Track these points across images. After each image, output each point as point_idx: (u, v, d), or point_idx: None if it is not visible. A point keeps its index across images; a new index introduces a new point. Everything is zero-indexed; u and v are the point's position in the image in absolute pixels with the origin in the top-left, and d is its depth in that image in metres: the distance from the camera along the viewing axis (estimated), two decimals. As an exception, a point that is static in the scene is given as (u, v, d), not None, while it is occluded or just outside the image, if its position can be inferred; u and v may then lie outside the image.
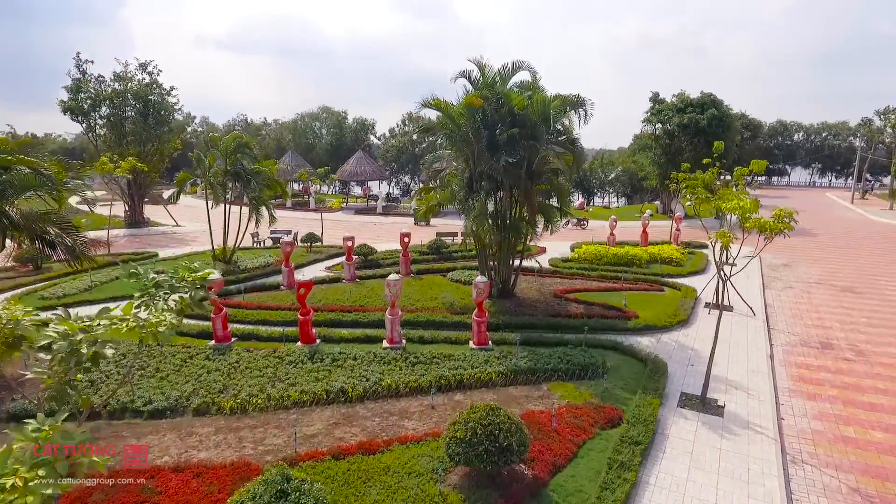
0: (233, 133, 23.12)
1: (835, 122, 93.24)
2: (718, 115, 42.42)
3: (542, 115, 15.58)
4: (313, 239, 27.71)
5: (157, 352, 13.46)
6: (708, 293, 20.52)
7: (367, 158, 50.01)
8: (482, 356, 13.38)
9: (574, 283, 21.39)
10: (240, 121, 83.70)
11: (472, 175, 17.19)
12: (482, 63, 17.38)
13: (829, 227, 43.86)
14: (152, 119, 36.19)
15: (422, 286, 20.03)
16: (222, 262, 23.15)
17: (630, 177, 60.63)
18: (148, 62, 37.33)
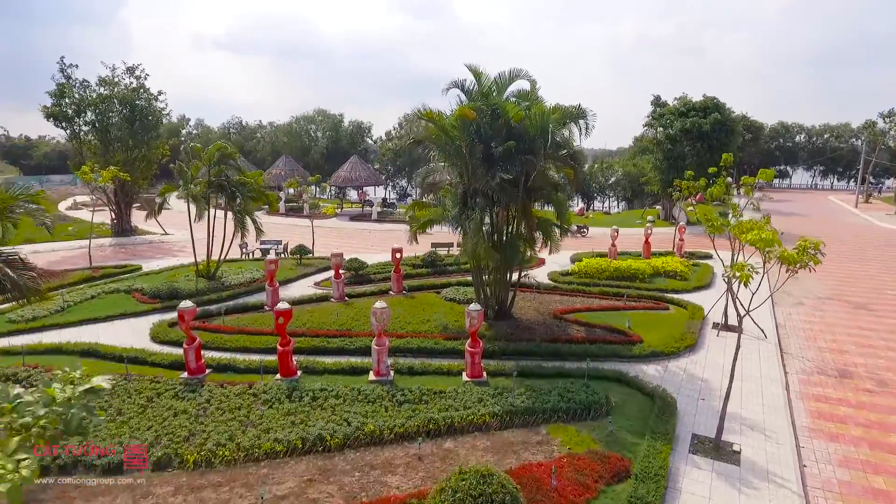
0: (216, 143, 22.07)
1: (837, 124, 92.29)
2: (721, 119, 41.41)
3: (541, 128, 14.52)
4: (303, 252, 26.64)
5: (120, 389, 12.37)
6: (716, 311, 19.45)
7: (362, 164, 48.92)
8: (476, 392, 12.31)
9: (574, 301, 20.33)
10: (235, 123, 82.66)
11: (467, 191, 16.14)
12: (478, 71, 16.33)
13: (835, 234, 42.80)
14: (139, 125, 35.08)
15: (414, 306, 18.96)
16: (205, 279, 22.07)
17: (631, 181, 59.59)
18: (136, 66, 36.29)
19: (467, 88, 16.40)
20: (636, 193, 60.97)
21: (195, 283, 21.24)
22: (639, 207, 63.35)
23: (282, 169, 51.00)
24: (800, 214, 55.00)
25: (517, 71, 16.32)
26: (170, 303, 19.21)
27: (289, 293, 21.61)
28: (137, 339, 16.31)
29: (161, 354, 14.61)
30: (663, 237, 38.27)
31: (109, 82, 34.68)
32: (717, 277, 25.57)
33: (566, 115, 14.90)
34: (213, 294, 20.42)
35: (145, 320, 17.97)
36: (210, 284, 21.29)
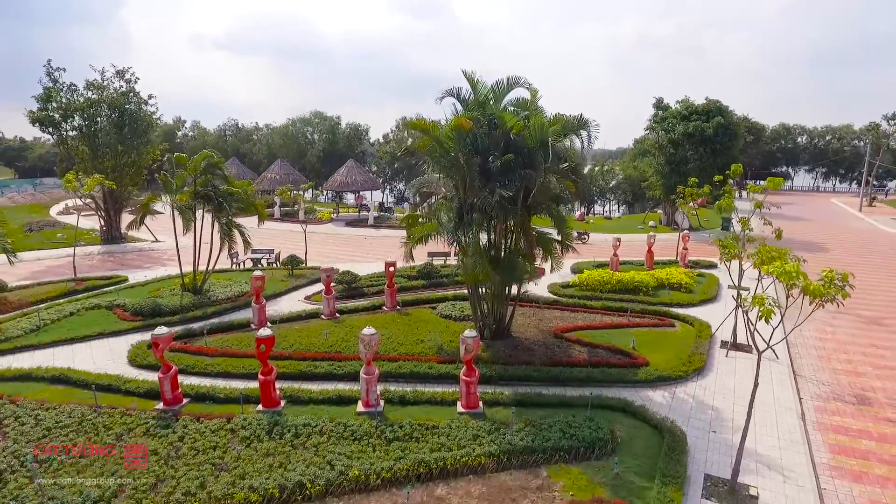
0: (202, 152, 21.16)
1: (839, 125, 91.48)
2: (725, 123, 40.53)
3: (541, 140, 13.64)
4: (295, 262, 25.74)
5: (88, 425, 11.47)
6: (724, 329, 18.57)
7: (358, 168, 48.01)
8: (471, 427, 11.42)
9: (576, 317, 19.45)
10: (231, 125, 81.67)
11: (463, 205, 15.27)
12: (473, 79, 15.46)
13: (840, 239, 41.94)
14: (128, 130, 34.16)
15: (408, 324, 18.07)
16: (191, 293, 21.17)
17: (631, 184, 58.73)
18: (126, 69, 35.33)
19: (463, 97, 15.53)
20: (637, 197, 60.11)
21: (180, 297, 20.35)
22: (640, 211, 62.50)
23: (277, 173, 50.08)
24: (803, 218, 54.12)
25: (515, 79, 15.45)
26: (152, 321, 18.32)
27: (278, 308, 20.75)
28: (115, 363, 15.43)
29: (137, 381, 13.72)
30: (665, 244, 37.40)
31: (98, 86, 33.75)
32: (722, 289, 24.70)
33: (567, 127, 14.02)
34: (198, 310, 19.52)
35: (125, 340, 17.08)
36: (195, 299, 20.39)
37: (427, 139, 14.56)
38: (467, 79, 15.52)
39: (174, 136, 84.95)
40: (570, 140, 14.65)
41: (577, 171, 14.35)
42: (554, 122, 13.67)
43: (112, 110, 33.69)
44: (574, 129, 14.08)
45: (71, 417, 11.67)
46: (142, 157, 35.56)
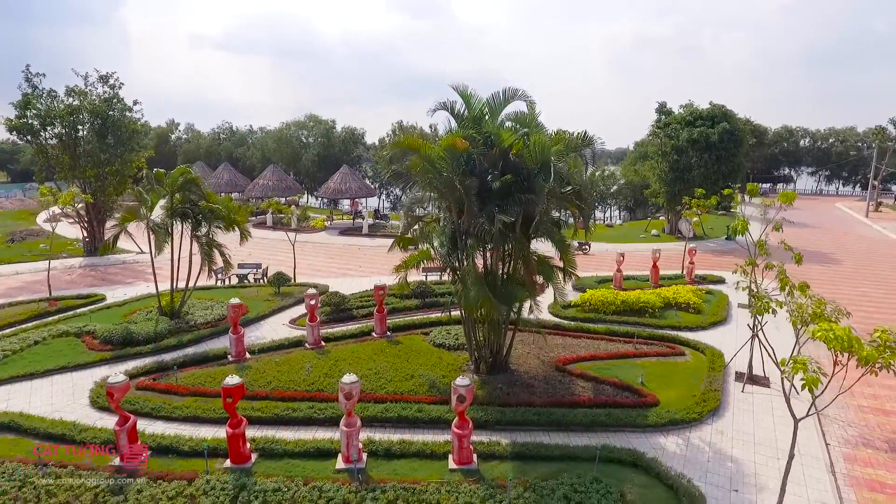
0: (179, 167, 19.84)
1: (842, 128, 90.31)
2: (730, 128, 39.27)
3: (542, 161, 12.35)
4: (281, 281, 24.40)
5: (29, 490, 10.12)
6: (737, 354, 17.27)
7: (352, 174, 46.68)
8: (463, 493, 10.10)
9: (579, 345, 18.15)
10: (225, 128, 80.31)
11: (457, 229, 13.97)
12: (466, 92, 14.15)
13: (848, 249, 40.69)
14: (112, 138, 32.79)
15: (398, 355, 16.74)
16: (168, 316, 19.85)
17: (633, 189, 57.46)
18: (110, 74, 33.94)
19: (457, 111, 14.23)
20: (638, 202, 58.84)
21: (155, 323, 19.03)
22: (641, 217, 61.24)
23: (270, 179, 48.74)
24: (809, 225, 52.85)
25: (512, 91, 14.14)
26: (122, 351, 17.03)
27: (260, 334, 19.44)
28: (75, 404, 14.11)
29: (94, 430, 12.40)
30: (670, 254, 36.13)
31: (80, 92, 32.38)
32: (733, 309, 23.43)
33: (570, 146, 12.72)
34: (174, 338, 18.19)
35: (90, 375, 15.75)
36: (171, 325, 19.05)
37: (417, 159, 13.26)
38: (459, 94, 14.21)
39: (167, 140, 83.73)
40: (574, 159, 13.34)
41: (581, 196, 13.02)
42: (556, 140, 12.36)
43: (94, 117, 32.31)
44: (577, 147, 12.79)
45: (12, 480, 10.34)
46: (126, 167, 34.17)
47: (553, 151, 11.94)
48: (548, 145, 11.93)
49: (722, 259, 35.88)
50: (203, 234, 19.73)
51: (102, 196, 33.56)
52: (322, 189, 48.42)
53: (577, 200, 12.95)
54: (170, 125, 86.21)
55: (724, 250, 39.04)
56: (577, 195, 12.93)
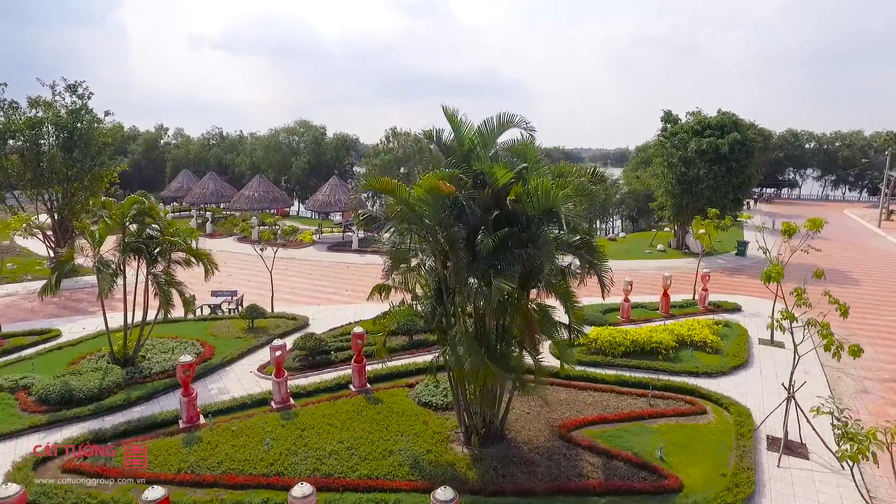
0: (131, 197, 17.54)
1: (848, 132, 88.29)
2: (741, 138, 37.01)
3: (546, 209, 10.08)
4: (255, 314, 22.08)
5: None
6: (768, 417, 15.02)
7: (342, 186, 44.38)
8: None
9: (585, 400, 15.89)
10: (215, 134, 77.94)
11: (443, 281, 11.71)
12: (456, 118, 11.91)
13: (866, 265, 38.50)
14: (79, 152, 30.47)
15: (375, 420, 14.42)
16: (120, 364, 17.55)
17: (636, 198, 55.24)
18: (78, 83, 31.63)
19: (444, 141, 11.99)
20: (641, 212, 56.62)
21: (102, 374, 16.72)
22: (644, 226, 59.02)
23: (256, 190, 46.43)
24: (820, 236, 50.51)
25: (508, 118, 11.89)
26: (58, 414, 14.73)
27: (223, 385, 17.16)
28: (-14, 491, 11.80)
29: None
30: (679, 273, 33.92)
31: (44, 103, 30.06)
32: (753, 346, 21.19)
33: (581, 190, 10.44)
34: (121, 394, 15.88)
35: (14, 447, 13.44)
36: (122, 376, 16.75)
37: (394, 203, 11.03)
38: (448, 118, 11.99)
39: (156, 145, 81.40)
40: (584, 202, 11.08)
41: (591, 248, 10.74)
42: (564, 183, 10.06)
43: (60, 130, 30.00)
44: (588, 192, 10.53)
45: None
46: (96, 182, 31.85)
47: (561, 198, 9.65)
48: (554, 190, 9.64)
49: (734, 279, 33.68)
50: (161, 271, 17.41)
51: (70, 214, 31.23)
52: (310, 201, 46.15)
53: (587, 254, 10.66)
54: (158, 130, 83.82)
55: (736, 268, 36.85)
56: (586, 246, 10.64)
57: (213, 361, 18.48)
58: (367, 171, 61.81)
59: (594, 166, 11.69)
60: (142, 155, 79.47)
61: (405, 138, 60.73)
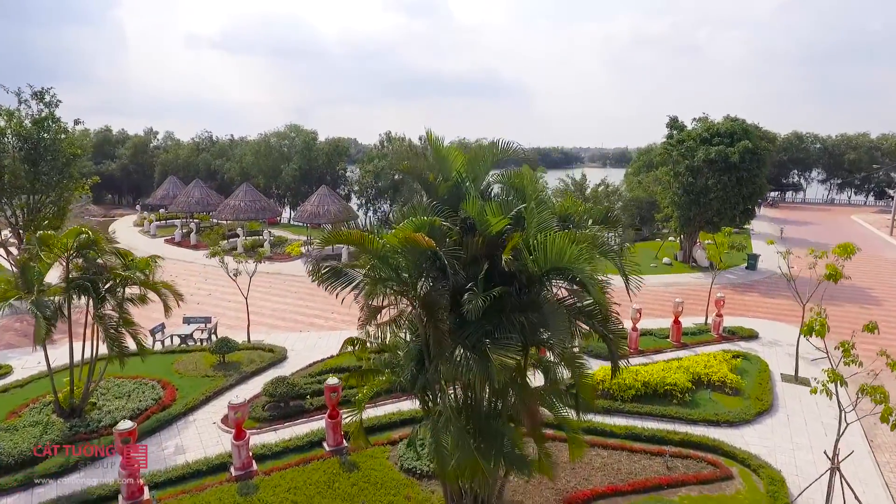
0: (73, 228, 15.45)
1: (854, 134, 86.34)
2: (752, 147, 34.93)
3: (552, 267, 8.02)
4: (226, 348, 19.97)
5: None
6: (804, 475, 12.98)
7: (331, 196, 42.28)
8: None
9: (592, 462, 13.85)
10: (205, 138, 75.72)
11: (426, 345, 9.64)
12: (441, 148, 9.87)
13: (886, 280, 36.46)
14: (45, 165, 28.34)
15: (347, 498, 12.33)
16: (65, 416, 15.47)
17: (639, 206, 53.16)
18: (46, 89, 29.46)
19: (425, 179, 9.92)
20: (644, 220, 54.53)
21: (42, 428, 14.65)
22: (648, 234, 56.93)
23: (242, 199, 44.27)
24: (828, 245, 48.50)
25: (505, 146, 9.88)
26: (-22, 485, 12.65)
27: (179, 443, 15.07)
28: None
29: None
30: (686, 290, 31.88)
31: (5, 112, 27.92)
32: (777, 385, 19.18)
33: (595, 243, 8.35)
34: (60, 456, 13.76)
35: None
36: (65, 430, 14.68)
37: (365, 259, 8.99)
38: (433, 145, 9.97)
39: (145, 149, 79.18)
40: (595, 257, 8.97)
41: (605, 317, 8.64)
42: (577, 236, 7.93)
43: (23, 142, 27.88)
44: (604, 248, 8.46)
45: None
46: (64, 196, 29.75)
47: (574, 255, 7.55)
48: (567, 247, 7.56)
49: (746, 297, 31.62)
50: (110, 310, 15.31)
51: (36, 230, 29.06)
52: (298, 212, 44.06)
53: (600, 325, 8.58)
54: (147, 133, 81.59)
55: (747, 283, 34.79)
56: (599, 315, 8.55)
57: (173, 409, 16.39)
58: (360, 177, 59.85)
59: (608, 206, 9.66)
60: (130, 159, 77.28)
61: (399, 143, 58.67)
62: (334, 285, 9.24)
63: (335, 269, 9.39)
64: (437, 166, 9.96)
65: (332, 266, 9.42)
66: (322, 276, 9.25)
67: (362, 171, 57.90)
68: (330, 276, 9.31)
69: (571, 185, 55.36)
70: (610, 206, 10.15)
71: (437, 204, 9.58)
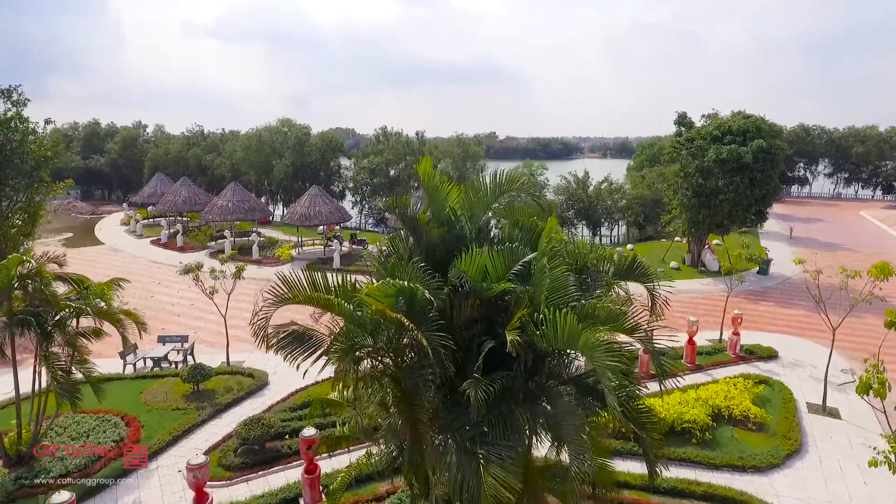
0: (13, 256, 13.54)
1: (862, 127, 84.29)
2: (766, 146, 33.00)
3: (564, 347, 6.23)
4: (199, 375, 18.21)
5: None
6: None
7: (323, 196, 40.33)
8: None
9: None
10: (196, 132, 73.51)
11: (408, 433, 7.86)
12: (433, 176, 8.04)
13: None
14: (11, 169, 26.42)
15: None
16: (12, 464, 13.74)
17: (643, 204, 51.31)
18: (14, 87, 27.54)
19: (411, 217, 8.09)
20: (649, 218, 52.71)
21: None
22: (652, 233, 55.04)
23: (229, 199, 42.29)
24: (841, 246, 46.92)
25: (508, 180, 8.04)
26: None
27: (137, 498, 13.32)
28: None
29: None
30: (697, 298, 30.17)
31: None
32: (803, 418, 17.46)
33: (618, 320, 6.54)
34: (-3, 521, 12.07)
35: None
36: (7, 484, 12.94)
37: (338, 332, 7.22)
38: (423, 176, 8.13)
39: (134, 143, 76.98)
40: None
41: (639, 420, 6.83)
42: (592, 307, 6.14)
43: (-13, 143, 25.97)
44: (632, 325, 6.67)
45: None
46: (35, 203, 27.88)
47: (587, 341, 5.77)
48: (577, 330, 5.77)
49: (760, 307, 29.87)
50: (55, 360, 13.43)
51: (3, 240, 27.26)
52: (288, 213, 42.17)
53: (632, 423, 6.79)
54: (136, 127, 79.39)
55: (760, 291, 32.98)
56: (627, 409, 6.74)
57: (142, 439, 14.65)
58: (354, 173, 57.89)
59: (633, 254, 7.85)
60: (119, 153, 75.15)
61: (396, 139, 56.63)
62: (294, 354, 7.44)
63: (296, 333, 7.58)
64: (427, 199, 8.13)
65: (291, 332, 7.59)
66: (279, 342, 7.45)
67: (357, 168, 55.92)
68: (290, 343, 7.50)
69: (574, 182, 53.56)
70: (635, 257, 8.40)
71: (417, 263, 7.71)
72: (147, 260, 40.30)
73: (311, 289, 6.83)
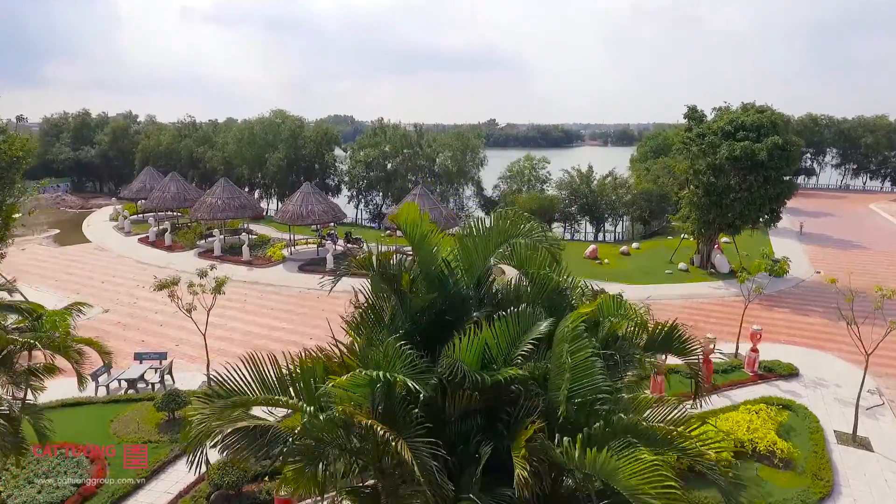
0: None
1: (871, 117, 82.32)
2: (781, 143, 31.25)
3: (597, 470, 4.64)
4: (174, 403, 16.72)
5: None
6: None
7: (316, 194, 38.63)
8: None
9: None
10: (188, 123, 71.43)
11: None
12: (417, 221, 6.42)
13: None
14: (-18, 170, 24.79)
15: None
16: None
17: (648, 199, 49.62)
18: (-18, 81, 25.75)
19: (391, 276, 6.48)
20: (654, 213, 51.05)
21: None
22: (657, 228, 53.32)
23: (219, 197, 40.55)
24: (854, 243, 45.35)
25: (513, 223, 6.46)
26: None
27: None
28: None
29: None
30: (708, 305, 28.68)
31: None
32: (832, 451, 16.01)
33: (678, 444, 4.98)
34: None
35: None
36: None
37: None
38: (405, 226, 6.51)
39: (125, 134, 74.96)
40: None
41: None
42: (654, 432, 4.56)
43: (-47, 144, 24.27)
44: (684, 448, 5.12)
45: None
46: (6, 204, 26.20)
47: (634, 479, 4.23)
48: (615, 463, 4.22)
49: (775, 315, 28.35)
50: (2, 386, 11.97)
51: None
52: (280, 212, 40.47)
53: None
54: (127, 117, 77.39)
55: (773, 296, 31.37)
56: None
57: (94, 502, 13.19)
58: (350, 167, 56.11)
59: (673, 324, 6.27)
60: (109, 145, 73.21)
61: (393, 131, 54.76)
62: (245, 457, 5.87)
63: (258, 426, 6.01)
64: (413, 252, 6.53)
65: (248, 425, 6.01)
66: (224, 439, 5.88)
67: (352, 162, 54.16)
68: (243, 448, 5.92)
69: (577, 176, 51.87)
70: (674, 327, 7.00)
71: (413, 314, 6.16)
72: (133, 260, 38.69)
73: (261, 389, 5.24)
